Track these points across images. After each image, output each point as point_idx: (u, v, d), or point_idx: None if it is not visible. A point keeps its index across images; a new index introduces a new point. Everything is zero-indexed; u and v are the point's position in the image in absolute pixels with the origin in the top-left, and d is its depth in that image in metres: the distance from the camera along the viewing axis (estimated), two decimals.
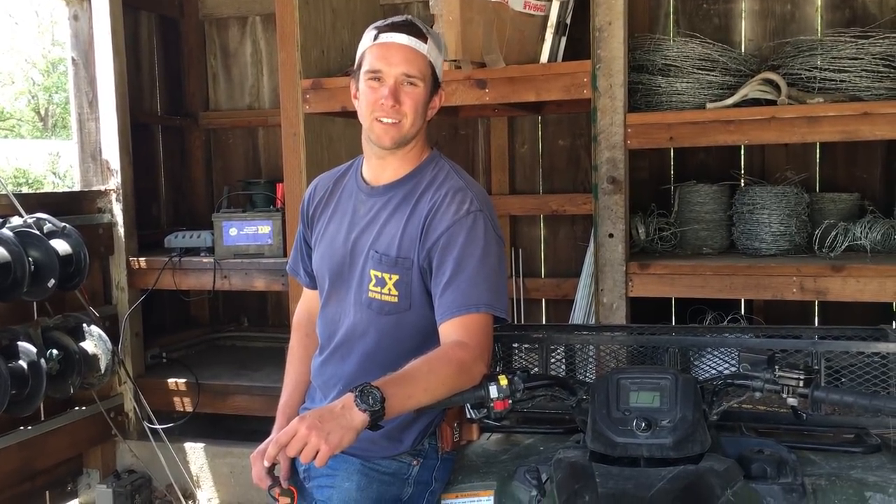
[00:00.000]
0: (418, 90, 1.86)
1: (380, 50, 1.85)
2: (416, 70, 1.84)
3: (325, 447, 1.46)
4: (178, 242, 3.99)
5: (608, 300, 3.07)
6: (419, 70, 1.85)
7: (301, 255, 2.13)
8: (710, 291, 3.05)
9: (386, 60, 1.84)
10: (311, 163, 3.39)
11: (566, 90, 3.07)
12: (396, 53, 1.84)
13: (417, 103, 1.86)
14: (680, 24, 3.85)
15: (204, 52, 4.84)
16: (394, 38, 1.84)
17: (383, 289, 1.85)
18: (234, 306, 4.90)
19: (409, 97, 1.85)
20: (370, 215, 1.91)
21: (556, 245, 4.26)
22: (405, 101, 1.85)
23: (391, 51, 1.84)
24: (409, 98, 1.85)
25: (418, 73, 1.85)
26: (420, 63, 1.85)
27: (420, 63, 1.85)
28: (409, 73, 1.84)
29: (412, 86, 1.85)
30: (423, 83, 1.86)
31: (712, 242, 3.40)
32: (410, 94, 1.85)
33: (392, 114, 1.84)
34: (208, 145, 4.89)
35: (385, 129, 1.86)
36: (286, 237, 3.59)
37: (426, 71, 1.86)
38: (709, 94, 3.13)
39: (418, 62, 1.85)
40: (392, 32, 1.85)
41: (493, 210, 1.89)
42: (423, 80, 1.86)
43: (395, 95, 1.83)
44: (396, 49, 1.84)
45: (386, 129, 1.86)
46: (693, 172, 3.75)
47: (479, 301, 1.76)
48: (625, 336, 2.13)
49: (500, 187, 4.24)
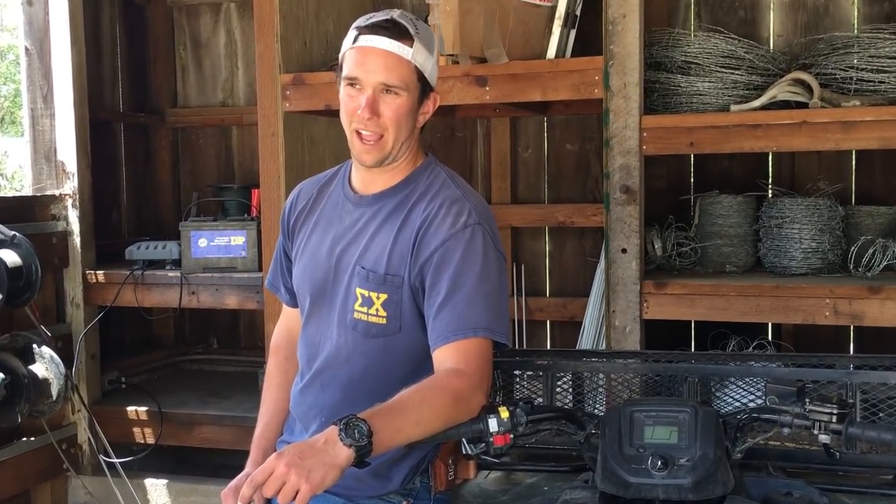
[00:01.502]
0: (401, 100, 1.85)
1: (358, 55, 1.85)
2: (397, 78, 1.84)
3: (306, 486, 1.46)
4: (140, 254, 3.99)
5: (620, 323, 3.08)
6: (401, 78, 1.84)
7: (281, 269, 2.14)
8: (734, 314, 3.05)
9: (363, 67, 1.84)
10: (290, 166, 3.40)
11: (575, 89, 3.08)
12: (375, 60, 1.83)
13: (400, 115, 1.86)
14: (702, 18, 3.88)
15: (172, 41, 4.85)
16: (373, 42, 1.84)
17: (370, 309, 1.86)
18: (202, 326, 4.89)
19: (390, 108, 1.85)
20: (357, 227, 1.92)
21: (563, 261, 4.27)
22: (384, 112, 1.85)
23: (369, 56, 1.84)
24: (390, 109, 1.85)
25: (399, 82, 1.84)
26: (402, 70, 1.84)
27: (402, 70, 1.84)
28: (388, 83, 1.84)
29: (394, 95, 1.85)
30: (405, 92, 1.85)
31: (736, 259, 3.41)
32: (391, 105, 1.85)
33: (370, 126, 1.85)
34: (176, 146, 4.89)
35: (366, 149, 1.87)
36: (262, 249, 3.59)
37: (410, 78, 1.86)
38: (733, 95, 3.15)
39: (400, 70, 1.84)
40: (372, 35, 1.84)
41: (494, 223, 1.91)
42: (407, 89, 1.85)
43: (373, 106, 1.84)
44: (375, 55, 1.83)
45: (367, 149, 1.87)
46: (715, 182, 3.76)
47: (478, 324, 1.77)
48: (639, 363, 2.14)
49: (500, 196, 4.25)
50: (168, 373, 4.69)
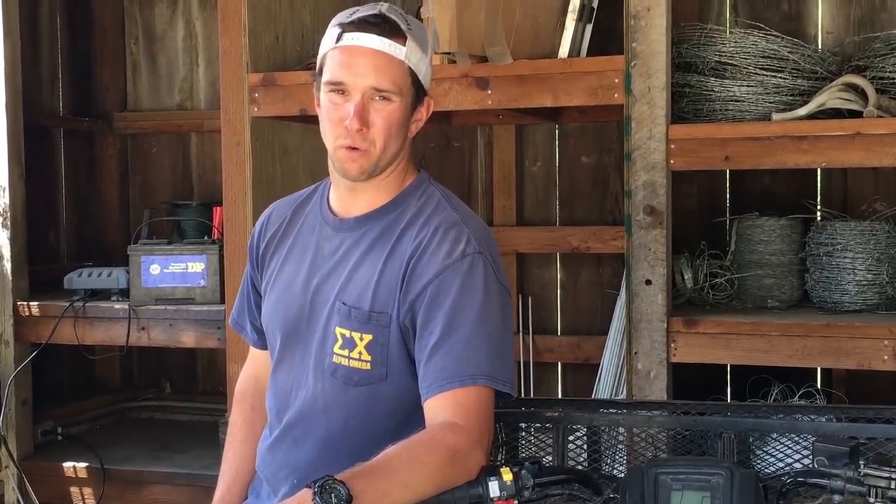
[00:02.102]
0: (393, 106, 1.87)
1: (343, 56, 1.86)
2: (390, 81, 1.86)
3: None
4: (82, 282, 3.98)
5: (644, 367, 3.07)
6: (394, 81, 1.86)
7: (248, 305, 2.15)
8: (777, 358, 3.04)
9: (351, 70, 1.85)
10: (259, 181, 3.41)
11: (592, 93, 3.09)
12: (364, 61, 1.85)
13: (392, 123, 1.87)
14: (739, 11, 3.89)
15: (122, 34, 4.86)
16: (362, 41, 1.85)
17: (352, 352, 1.86)
18: (154, 367, 4.87)
19: (381, 116, 1.86)
20: (337, 256, 1.93)
21: (577, 293, 4.27)
22: (375, 121, 1.86)
23: (357, 57, 1.85)
24: (381, 117, 1.86)
25: (392, 86, 1.86)
26: (396, 72, 1.86)
27: (396, 72, 1.86)
28: (380, 87, 1.85)
29: (385, 101, 1.86)
30: (399, 97, 1.87)
31: (779, 293, 3.41)
32: (382, 113, 1.86)
33: (359, 139, 1.86)
34: (125, 155, 4.89)
35: (350, 157, 1.88)
36: (224, 278, 3.58)
37: (404, 81, 1.88)
38: (775, 101, 3.16)
39: (393, 71, 1.86)
40: (359, 32, 1.86)
41: (496, 251, 1.92)
42: (400, 94, 1.88)
43: (362, 115, 1.85)
44: (364, 55, 1.85)
45: (351, 157, 1.87)
46: (755, 202, 3.77)
47: (477, 370, 1.77)
48: (665, 416, 2.13)
49: (504, 216, 4.26)
50: (113, 422, 4.66)
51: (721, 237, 3.68)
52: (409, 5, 4.05)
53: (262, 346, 2.13)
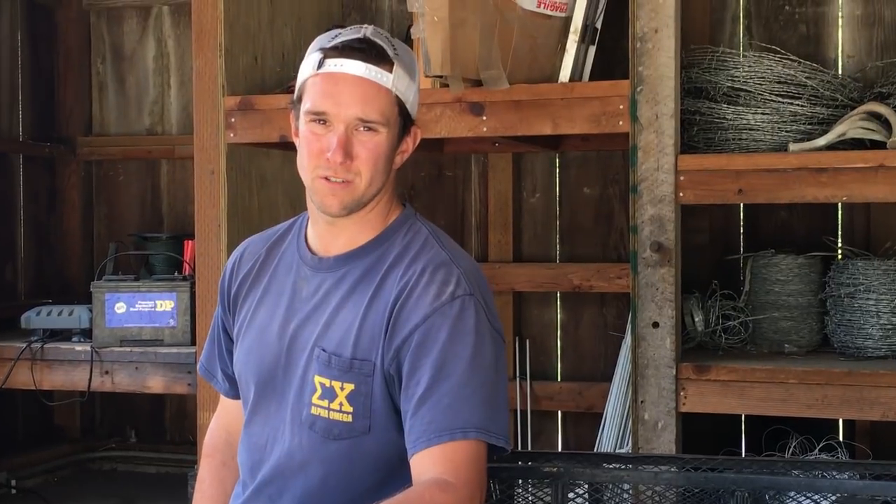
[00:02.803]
0: (379, 138, 1.87)
1: (326, 84, 1.86)
2: (377, 112, 1.86)
3: None
4: (40, 322, 3.97)
5: (651, 417, 3.07)
6: (380, 111, 1.86)
7: (219, 351, 2.13)
8: (795, 408, 3.04)
9: (334, 99, 1.85)
10: (234, 213, 3.41)
11: (595, 121, 3.10)
12: (349, 90, 1.85)
13: (378, 156, 1.87)
14: (753, 33, 3.92)
15: (88, 53, 4.88)
16: (346, 68, 1.85)
17: (332, 403, 1.84)
18: (118, 414, 4.86)
19: (366, 148, 1.86)
20: (316, 298, 1.92)
21: (579, 335, 4.26)
22: (360, 153, 1.86)
23: (341, 86, 1.85)
24: (366, 150, 1.86)
25: (379, 116, 1.86)
26: (383, 101, 1.86)
27: (383, 101, 1.86)
28: (365, 118, 1.85)
29: (371, 132, 1.86)
30: (385, 128, 1.87)
31: (798, 337, 3.41)
32: (368, 145, 1.86)
33: (342, 172, 1.85)
34: (89, 184, 4.90)
35: (331, 190, 1.87)
36: (196, 317, 3.57)
37: (391, 111, 1.88)
38: (792, 130, 3.18)
39: (380, 101, 1.86)
40: (343, 58, 1.86)
41: (489, 292, 1.91)
42: (387, 125, 1.87)
43: (346, 147, 1.84)
44: (348, 83, 1.85)
45: (332, 190, 1.87)
46: (771, 239, 3.77)
47: (468, 423, 1.75)
48: (674, 472, 2.13)
49: (500, 252, 4.26)
50: (72, 474, 4.65)
51: (734, 276, 3.69)
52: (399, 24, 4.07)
53: (234, 396, 2.11)
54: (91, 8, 4.86)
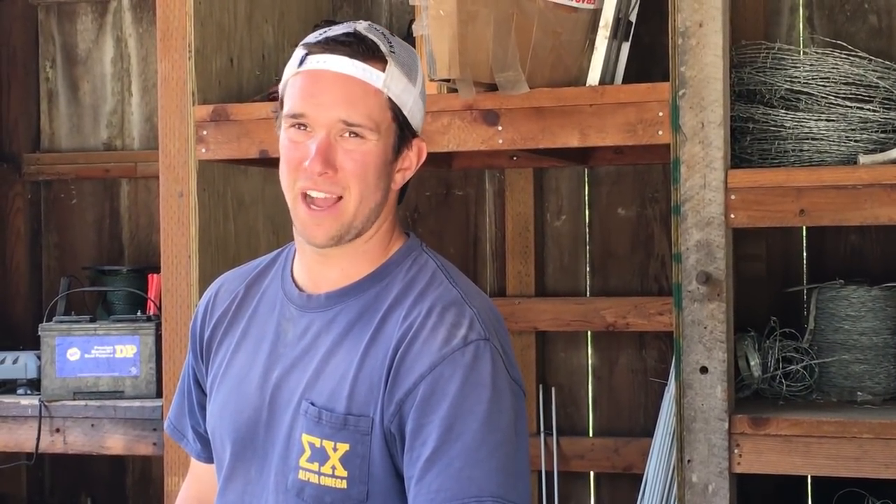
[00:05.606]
0: (367, 147, 1.87)
1: (306, 82, 1.88)
2: (362, 115, 1.86)
3: None
4: None
5: (700, 479, 3.04)
6: (367, 114, 1.86)
7: (189, 406, 2.14)
8: (870, 467, 3.01)
9: (313, 99, 1.86)
10: (207, 241, 3.40)
11: (629, 130, 3.09)
12: (330, 88, 1.86)
13: (366, 168, 1.87)
14: (815, 26, 3.91)
15: (36, 55, 4.88)
16: (328, 64, 1.87)
17: (323, 466, 1.84)
18: (71, 479, 4.83)
19: (352, 159, 1.86)
20: (304, 343, 1.92)
21: (613, 382, 4.24)
22: (345, 164, 1.85)
23: (321, 84, 1.87)
24: (352, 160, 1.86)
25: (366, 120, 1.86)
26: (371, 103, 1.87)
27: (371, 103, 1.87)
28: (349, 121, 1.85)
29: (357, 139, 1.86)
30: (375, 135, 1.87)
31: (872, 384, 3.39)
32: (354, 154, 1.86)
33: (323, 184, 1.84)
34: (37, 207, 4.89)
35: (315, 218, 1.86)
36: (162, 365, 3.57)
37: (382, 115, 1.88)
38: (862, 139, 3.17)
39: (367, 102, 1.86)
40: (325, 54, 1.87)
41: (507, 336, 1.91)
42: (377, 131, 1.87)
43: (327, 155, 1.84)
44: (329, 81, 1.86)
45: (317, 218, 1.86)
46: (839, 267, 3.76)
47: (483, 490, 1.75)
48: None
49: (520, 285, 4.25)
50: None
51: (797, 312, 3.67)
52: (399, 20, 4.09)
53: (207, 459, 2.11)
54: (39, 3, 4.88)
